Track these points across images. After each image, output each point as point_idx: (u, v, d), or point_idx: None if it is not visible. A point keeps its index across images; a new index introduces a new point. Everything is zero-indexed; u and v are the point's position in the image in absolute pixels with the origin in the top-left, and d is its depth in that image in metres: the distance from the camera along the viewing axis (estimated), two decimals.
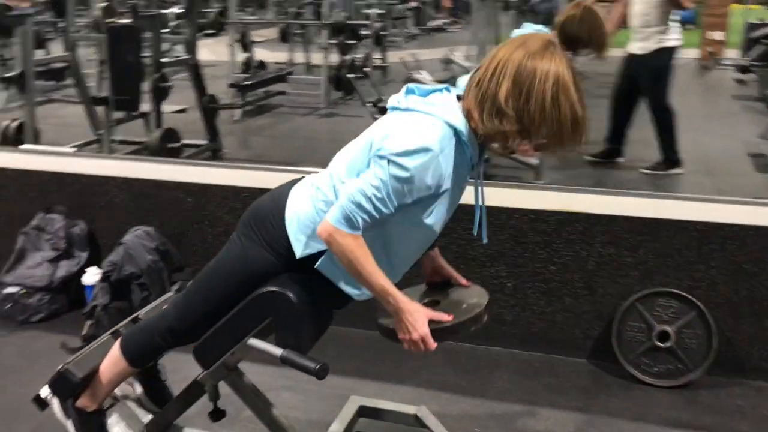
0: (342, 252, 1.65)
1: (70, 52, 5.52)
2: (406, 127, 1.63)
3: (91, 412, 2.07)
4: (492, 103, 1.60)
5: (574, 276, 2.75)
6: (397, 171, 1.58)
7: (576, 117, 1.61)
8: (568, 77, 1.60)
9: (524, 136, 1.64)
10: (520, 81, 1.58)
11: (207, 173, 3.08)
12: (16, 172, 3.31)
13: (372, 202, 1.61)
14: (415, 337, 1.72)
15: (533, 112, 1.58)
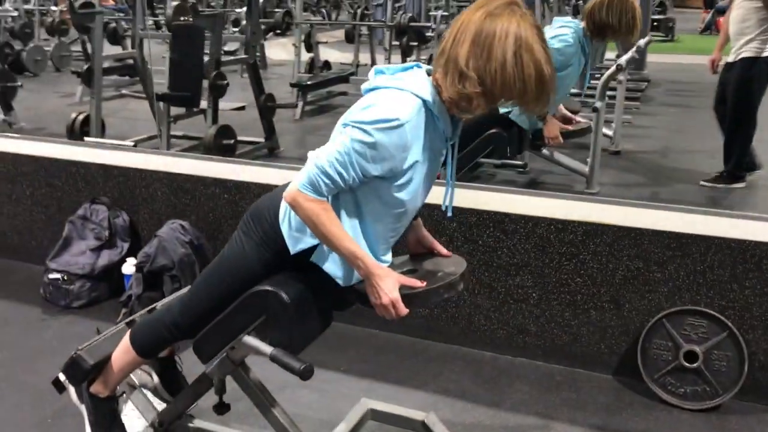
0: (306, 216, 1.66)
1: (137, 48, 5.73)
2: (376, 99, 1.63)
3: (103, 398, 2.15)
4: (455, 67, 1.59)
5: (600, 289, 2.68)
6: (360, 136, 1.59)
7: (541, 75, 1.58)
8: (531, 35, 1.57)
9: (488, 98, 1.62)
10: (480, 41, 1.57)
11: (242, 171, 3.14)
12: (67, 163, 3.46)
13: (335, 168, 1.62)
14: (385, 302, 1.71)
15: (494, 71, 1.57)
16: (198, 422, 2.26)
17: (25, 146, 3.58)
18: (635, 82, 8.04)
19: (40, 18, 10.73)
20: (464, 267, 1.85)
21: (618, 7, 3.39)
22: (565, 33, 3.43)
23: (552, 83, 1.61)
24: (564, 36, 3.43)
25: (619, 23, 3.39)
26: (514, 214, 2.71)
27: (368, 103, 1.64)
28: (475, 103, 1.61)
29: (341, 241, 1.68)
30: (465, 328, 2.91)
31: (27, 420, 2.43)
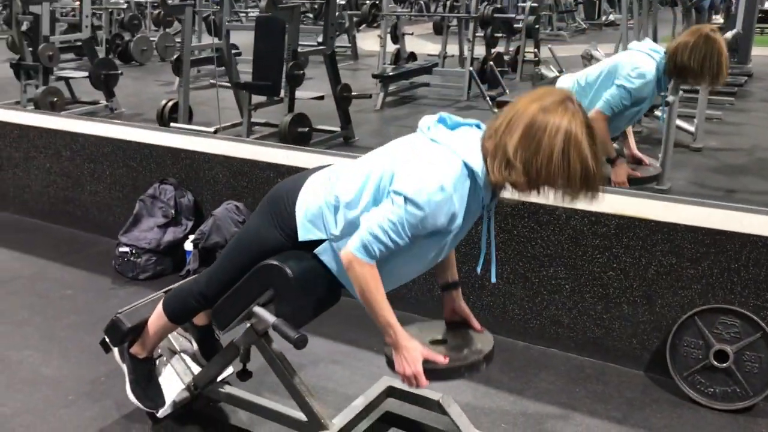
0: (357, 279, 1.78)
1: (224, 39, 6.02)
2: (425, 162, 1.70)
3: (142, 359, 2.35)
4: (503, 155, 1.66)
5: (632, 283, 2.65)
6: (412, 209, 1.69)
7: (587, 172, 1.63)
8: (580, 132, 1.62)
9: (532, 187, 1.68)
10: (530, 134, 1.63)
11: (294, 156, 3.29)
12: (140, 146, 3.72)
13: (388, 235, 1.72)
14: (408, 373, 1.83)
15: (540, 165, 1.62)
16: (229, 388, 2.42)
17: (105, 129, 3.88)
18: (734, 76, 7.68)
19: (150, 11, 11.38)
20: (491, 347, 1.94)
21: (702, 50, 3.14)
22: (646, 70, 3.23)
23: (598, 178, 1.65)
24: (644, 72, 3.23)
25: (701, 68, 3.15)
26: (548, 205, 2.72)
27: (420, 163, 1.70)
28: (518, 190, 1.70)
29: (381, 310, 1.80)
30: (499, 317, 2.95)
31: (84, 377, 2.68)
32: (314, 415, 2.18)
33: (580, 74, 3.50)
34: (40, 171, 4.16)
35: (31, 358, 2.82)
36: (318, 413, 2.18)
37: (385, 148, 1.90)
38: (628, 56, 3.34)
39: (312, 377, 2.70)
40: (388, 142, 1.93)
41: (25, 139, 4.15)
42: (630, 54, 3.35)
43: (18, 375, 2.71)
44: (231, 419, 2.47)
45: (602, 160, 1.69)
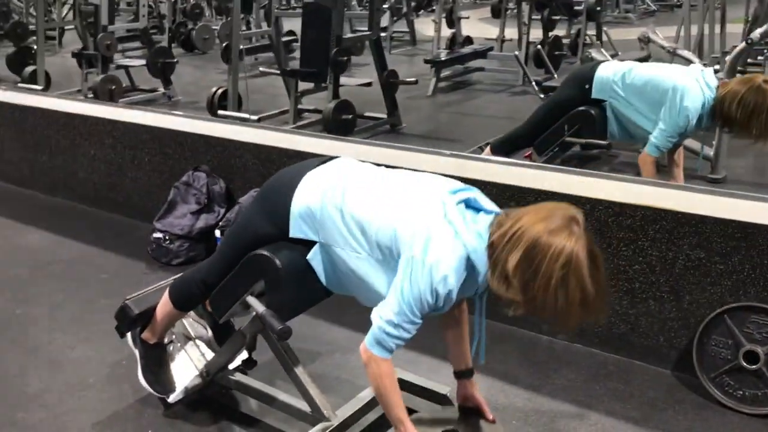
0: (374, 377, 1.80)
1: (273, 26, 6.04)
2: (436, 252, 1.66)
3: (152, 344, 2.38)
4: (502, 270, 1.61)
5: (659, 278, 2.53)
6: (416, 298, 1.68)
7: (585, 299, 1.56)
8: (583, 259, 1.55)
9: (529, 307, 1.62)
10: (531, 255, 1.56)
11: (320, 143, 3.27)
12: (175, 133, 3.78)
13: (404, 328, 1.73)
14: None
15: (537, 289, 1.56)
16: (239, 376, 2.43)
17: (142, 117, 3.95)
18: None
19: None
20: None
21: (752, 104, 2.93)
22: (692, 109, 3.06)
23: (598, 302, 1.59)
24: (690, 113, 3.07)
25: (747, 122, 2.95)
26: (572, 195, 2.61)
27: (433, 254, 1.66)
28: (514, 306, 1.63)
29: (395, 406, 1.82)
30: None
31: (106, 360, 2.74)
32: (317, 406, 2.16)
33: (626, 67, 3.35)
34: (85, 158, 4.28)
35: (59, 341, 2.90)
36: (320, 404, 2.16)
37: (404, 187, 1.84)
38: (682, 84, 3.11)
39: (327, 366, 2.69)
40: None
41: (70, 126, 4.28)
42: (684, 79, 3.12)
43: (45, 356, 2.79)
44: (242, 407, 2.48)
45: (604, 284, 1.61)
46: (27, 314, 3.12)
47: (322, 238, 1.86)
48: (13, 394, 2.54)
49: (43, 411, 2.45)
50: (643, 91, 3.22)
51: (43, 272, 3.54)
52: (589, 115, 3.34)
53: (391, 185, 1.85)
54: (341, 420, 2.17)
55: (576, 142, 3.46)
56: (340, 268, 1.86)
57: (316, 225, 1.86)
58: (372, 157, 3.06)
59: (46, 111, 4.38)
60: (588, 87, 3.36)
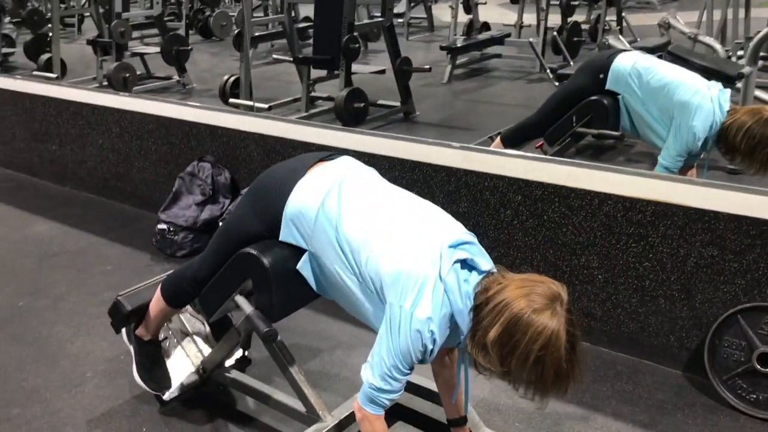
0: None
1: (285, 13, 5.97)
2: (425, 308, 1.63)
3: (146, 341, 2.34)
4: (481, 339, 1.59)
5: (670, 276, 2.43)
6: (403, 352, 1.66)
7: (558, 377, 1.56)
8: (561, 340, 1.53)
9: (505, 377, 1.61)
10: (511, 331, 1.55)
11: (324, 134, 3.20)
12: (181, 123, 3.73)
13: (391, 384, 1.71)
14: None
15: (514, 364, 1.55)
16: (235, 373, 2.38)
17: (148, 106, 3.90)
18: None
19: None
20: None
21: (757, 136, 2.81)
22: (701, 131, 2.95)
23: (571, 378, 1.58)
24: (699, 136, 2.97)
25: (751, 154, 2.84)
26: (579, 189, 2.53)
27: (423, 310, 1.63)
28: (487, 372, 1.64)
29: None
30: None
31: (105, 355, 2.70)
32: (312, 406, 2.11)
33: (645, 63, 3.21)
34: (93, 147, 4.25)
35: (60, 334, 2.87)
36: (315, 404, 2.11)
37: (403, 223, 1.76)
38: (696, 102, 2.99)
39: (327, 363, 2.63)
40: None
41: (79, 115, 4.25)
42: (699, 97, 3.00)
43: (44, 350, 2.76)
44: (238, 405, 2.43)
45: (579, 364, 1.60)
46: (30, 306, 3.10)
47: (313, 248, 1.80)
48: (10, 389, 2.52)
49: (38, 407, 2.42)
50: (658, 95, 3.10)
51: (49, 263, 3.52)
52: (601, 105, 3.22)
53: (391, 214, 1.77)
54: (337, 420, 2.12)
55: (587, 132, 3.35)
56: (330, 280, 1.82)
57: (307, 234, 1.80)
58: (379, 148, 3.00)
59: (55, 100, 4.35)
60: (603, 77, 3.25)
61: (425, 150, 2.89)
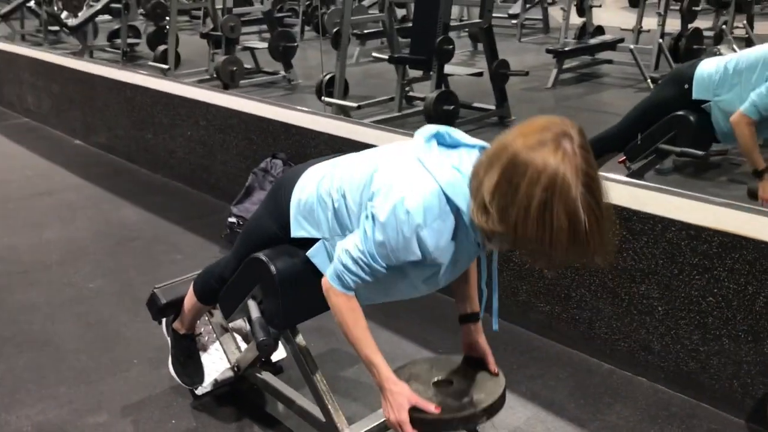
0: (333, 309, 1.66)
1: (386, 12, 5.94)
2: (402, 186, 1.49)
3: (182, 334, 2.36)
4: (481, 197, 1.37)
5: (736, 314, 2.20)
6: (380, 237, 1.51)
7: (576, 229, 1.28)
8: (571, 178, 1.27)
9: (511, 241, 1.37)
10: (509, 176, 1.31)
11: (389, 138, 3.14)
12: (259, 119, 3.78)
13: (359, 265, 1.57)
14: (392, 419, 1.63)
15: (517, 217, 1.31)
16: (266, 375, 2.37)
17: (231, 101, 3.98)
18: None
19: None
20: (495, 398, 1.69)
21: None
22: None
23: (596, 236, 1.30)
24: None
25: None
26: (642, 212, 2.33)
27: (396, 188, 1.49)
28: (498, 240, 1.40)
29: (360, 344, 1.64)
30: (585, 333, 2.61)
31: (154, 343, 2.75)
32: (331, 417, 2.06)
33: (730, 58, 2.96)
34: (183, 138, 4.40)
35: (118, 318, 2.98)
36: (334, 416, 2.06)
37: (384, 150, 1.69)
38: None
39: (363, 373, 2.54)
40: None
41: (170, 106, 4.40)
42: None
43: (102, 332, 2.87)
44: (267, 406, 2.43)
45: (610, 215, 1.31)
46: (99, 288, 3.24)
47: (323, 233, 1.73)
48: (64, 368, 2.63)
49: (83, 388, 2.51)
50: (754, 68, 2.80)
51: (125, 248, 3.66)
52: (686, 122, 2.97)
53: (379, 153, 1.68)
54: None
55: (671, 150, 3.10)
56: None
57: (313, 219, 1.74)
58: None
59: (151, 90, 4.53)
60: (687, 87, 2.99)
61: None
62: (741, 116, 2.77)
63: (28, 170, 5.03)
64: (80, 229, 3.90)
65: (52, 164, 5.15)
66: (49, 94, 5.96)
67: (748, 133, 2.79)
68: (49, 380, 2.55)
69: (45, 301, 3.12)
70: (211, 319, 2.53)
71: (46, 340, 2.81)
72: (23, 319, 2.97)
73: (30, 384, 2.53)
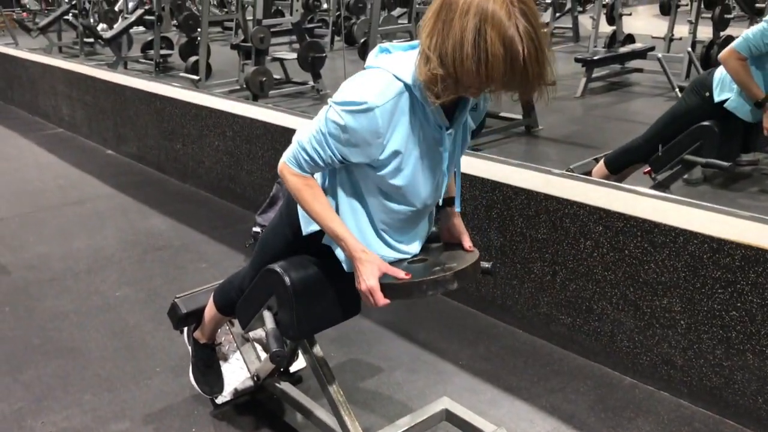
0: (291, 189, 1.68)
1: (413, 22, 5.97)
2: (354, 81, 1.54)
3: (202, 344, 2.39)
4: (421, 47, 1.42)
5: (760, 329, 2.15)
6: (333, 116, 1.54)
7: (513, 54, 1.30)
8: (502, 6, 1.29)
9: (455, 82, 1.38)
10: (441, 15, 1.37)
11: None
12: (284, 130, 3.81)
13: (313, 146, 1.59)
14: (363, 288, 1.63)
15: (453, 51, 1.34)
16: (284, 385, 2.39)
17: (256, 112, 4.02)
18: None
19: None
20: (466, 264, 1.66)
21: None
22: None
23: (533, 60, 1.31)
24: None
25: None
26: (664, 224, 2.30)
27: (349, 83, 1.55)
28: (441, 87, 1.40)
29: (322, 219, 1.65)
30: (606, 346, 2.58)
31: (177, 352, 2.79)
32: (346, 427, 2.06)
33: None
34: (210, 148, 4.45)
35: (144, 326, 3.02)
36: (350, 426, 2.06)
37: None
38: None
39: (383, 384, 2.57)
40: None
41: (199, 117, 4.47)
42: None
43: (126, 341, 2.91)
44: (286, 416, 2.44)
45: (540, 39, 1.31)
46: (125, 297, 3.29)
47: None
48: (88, 376, 2.67)
49: (107, 395, 2.55)
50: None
51: (152, 256, 3.72)
52: (711, 132, 2.93)
53: None
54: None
55: (696, 161, 3.06)
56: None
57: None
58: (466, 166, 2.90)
59: (180, 101, 4.60)
60: (708, 95, 2.96)
61: (505, 171, 2.76)
62: (731, 51, 2.81)
63: (61, 179, 5.13)
64: (108, 238, 3.97)
65: (83, 173, 5.25)
66: (82, 104, 6.09)
67: (739, 66, 2.81)
68: (74, 387, 2.60)
69: (73, 309, 3.18)
70: (231, 329, 2.56)
71: (72, 348, 2.86)
72: (51, 327, 3.03)
73: (56, 391, 2.58)
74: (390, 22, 10.52)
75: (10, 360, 2.78)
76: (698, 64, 6.24)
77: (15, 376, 2.68)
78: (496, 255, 2.82)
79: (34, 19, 12.39)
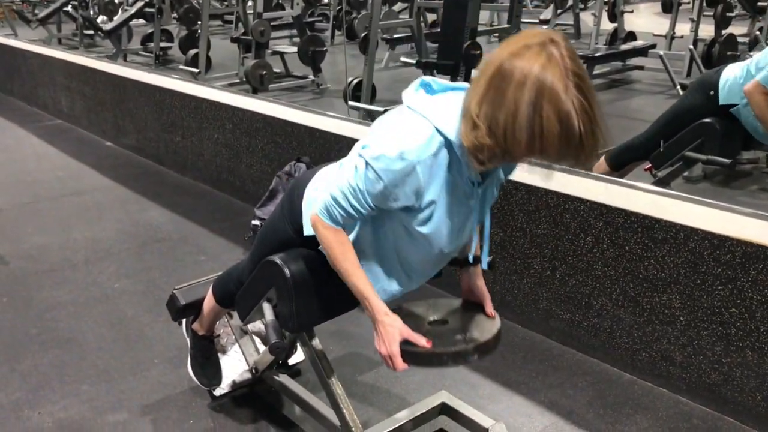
0: (322, 242, 1.65)
1: (414, 18, 5.95)
2: (393, 128, 1.49)
3: (201, 336, 2.38)
4: (468, 112, 1.37)
5: (760, 326, 2.15)
6: (371, 175, 1.50)
7: (569, 131, 1.27)
8: (558, 80, 1.25)
9: (505, 153, 1.36)
10: (495, 84, 1.31)
11: None
12: (284, 123, 3.80)
13: (348, 200, 1.56)
14: (383, 352, 1.62)
15: (505, 123, 1.30)
16: (283, 378, 2.38)
17: (257, 105, 4.01)
18: None
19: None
20: (489, 337, 1.66)
21: None
22: None
23: (589, 136, 1.28)
24: None
25: None
26: (664, 220, 2.30)
27: (388, 128, 1.49)
28: (487, 155, 1.37)
29: (351, 276, 1.63)
30: (605, 342, 2.57)
31: (176, 343, 2.79)
32: (346, 421, 2.06)
33: (751, 60, 2.92)
34: (210, 141, 4.44)
35: (142, 318, 3.01)
36: (350, 420, 2.05)
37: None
38: None
39: (381, 377, 2.57)
40: None
41: (199, 110, 4.45)
42: None
43: (124, 332, 2.91)
44: (285, 409, 2.43)
45: (595, 112, 1.28)
46: (124, 288, 3.28)
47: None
48: (85, 367, 2.67)
49: (104, 386, 2.54)
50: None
51: (151, 249, 3.71)
52: (713, 129, 2.92)
53: None
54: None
55: (697, 158, 3.05)
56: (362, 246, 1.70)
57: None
58: None
59: (179, 93, 4.59)
60: (713, 94, 2.95)
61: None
62: (756, 85, 2.78)
63: (60, 171, 5.12)
64: (107, 230, 3.96)
65: (82, 165, 5.24)
66: (81, 96, 6.07)
67: (763, 102, 2.78)
68: (72, 378, 2.59)
69: (71, 300, 3.18)
70: (230, 321, 2.56)
71: (70, 339, 2.85)
72: (49, 317, 3.02)
73: (53, 381, 2.57)
74: (391, 17, 10.50)
75: (8, 350, 2.78)
76: (700, 62, 6.23)
77: (12, 366, 2.67)
78: (496, 250, 2.82)
79: (34, 11, 12.35)
